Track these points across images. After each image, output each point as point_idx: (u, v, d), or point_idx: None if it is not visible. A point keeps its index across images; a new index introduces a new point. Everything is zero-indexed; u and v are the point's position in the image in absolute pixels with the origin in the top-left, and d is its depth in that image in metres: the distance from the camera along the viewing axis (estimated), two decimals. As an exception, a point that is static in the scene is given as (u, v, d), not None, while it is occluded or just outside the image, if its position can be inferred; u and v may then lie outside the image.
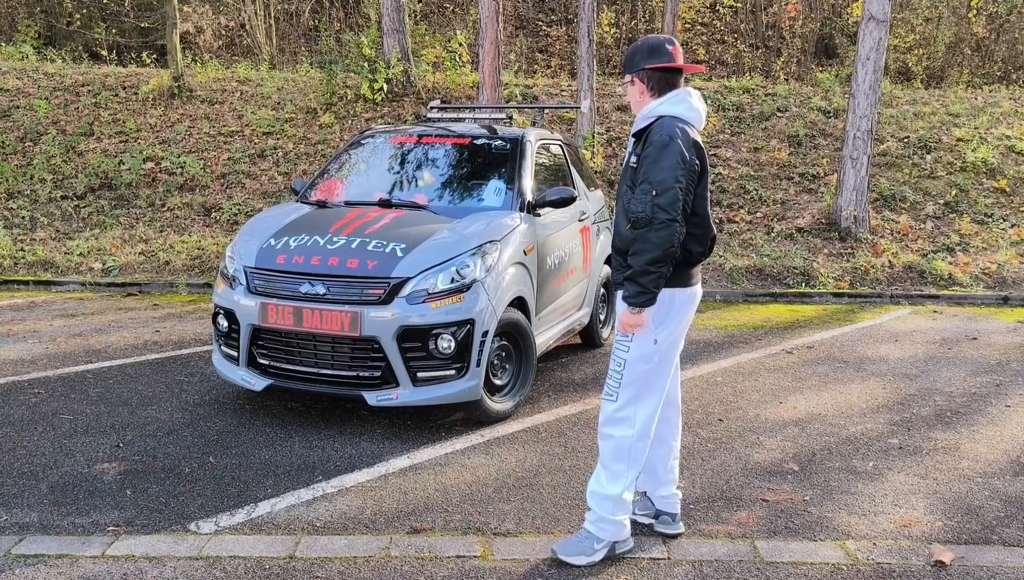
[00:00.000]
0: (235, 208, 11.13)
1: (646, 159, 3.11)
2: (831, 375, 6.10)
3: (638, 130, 3.25)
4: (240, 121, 13.31)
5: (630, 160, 3.27)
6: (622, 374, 3.25)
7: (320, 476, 4.06)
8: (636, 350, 3.22)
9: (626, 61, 3.32)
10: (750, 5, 19.47)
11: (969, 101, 14.83)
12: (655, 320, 3.19)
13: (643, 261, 3.06)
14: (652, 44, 3.27)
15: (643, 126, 3.23)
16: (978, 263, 10.08)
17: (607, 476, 3.29)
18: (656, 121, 3.18)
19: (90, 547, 3.31)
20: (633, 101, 3.32)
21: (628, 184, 3.26)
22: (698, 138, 3.20)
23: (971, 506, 3.88)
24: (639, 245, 3.08)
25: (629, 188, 3.23)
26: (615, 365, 3.27)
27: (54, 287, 9.16)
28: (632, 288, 3.10)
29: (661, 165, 3.07)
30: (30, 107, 13.35)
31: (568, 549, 3.27)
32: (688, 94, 3.24)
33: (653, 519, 3.56)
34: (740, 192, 11.83)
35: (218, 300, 4.91)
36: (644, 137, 3.20)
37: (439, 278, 4.49)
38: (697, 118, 3.24)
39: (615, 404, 3.27)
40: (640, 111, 3.28)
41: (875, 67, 10.48)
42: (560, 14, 19.57)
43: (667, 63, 3.22)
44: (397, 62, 13.54)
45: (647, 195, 3.06)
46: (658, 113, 3.20)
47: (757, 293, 9.31)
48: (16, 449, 4.35)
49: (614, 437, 3.27)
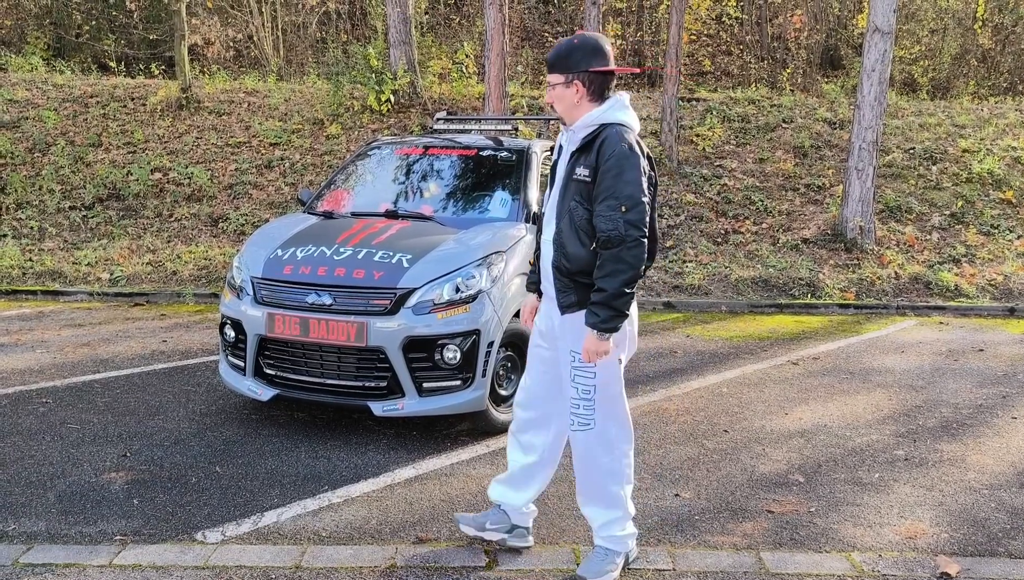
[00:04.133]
0: (242, 218, 11.18)
1: (608, 172, 2.91)
2: (837, 386, 6.09)
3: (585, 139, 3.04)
4: (247, 132, 13.39)
5: (576, 172, 3.02)
6: (593, 400, 3.09)
7: (326, 486, 4.07)
8: (603, 374, 3.08)
9: (560, 60, 3.04)
10: (756, 17, 19.52)
11: (975, 112, 14.83)
12: (615, 338, 3.02)
13: (618, 283, 2.89)
14: (594, 44, 3.04)
15: (587, 135, 3.03)
16: (984, 274, 10.06)
17: (608, 502, 3.22)
18: (602, 130, 3.00)
19: (97, 556, 3.33)
20: (565, 105, 3.06)
21: (578, 199, 3.01)
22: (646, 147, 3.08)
23: (977, 518, 3.87)
24: (612, 266, 2.90)
25: (580, 204, 3.00)
26: (583, 394, 3.09)
27: (62, 297, 9.20)
28: (605, 313, 2.91)
29: (626, 179, 2.90)
30: (39, 118, 13.44)
31: (593, 570, 3.17)
32: (626, 100, 3.09)
33: (506, 533, 3.41)
34: (745, 203, 11.84)
35: (225, 310, 4.94)
36: (593, 148, 2.99)
37: (445, 289, 4.50)
38: (638, 126, 3.10)
39: (593, 430, 3.13)
40: (578, 118, 3.05)
41: (880, 78, 10.50)
42: (566, 25, 19.65)
43: (610, 67, 3.04)
44: (403, 73, 13.61)
45: (615, 212, 2.89)
46: (603, 121, 3.01)
47: (762, 304, 9.31)
48: (24, 458, 4.37)
49: (603, 462, 3.17)
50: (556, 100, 3.08)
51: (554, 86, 3.07)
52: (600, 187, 2.94)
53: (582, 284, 3.03)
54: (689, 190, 12.08)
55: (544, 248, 3.19)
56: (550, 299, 3.20)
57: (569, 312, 3.07)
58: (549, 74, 3.09)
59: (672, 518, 3.79)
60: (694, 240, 10.95)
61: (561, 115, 3.12)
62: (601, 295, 2.93)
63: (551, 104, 3.12)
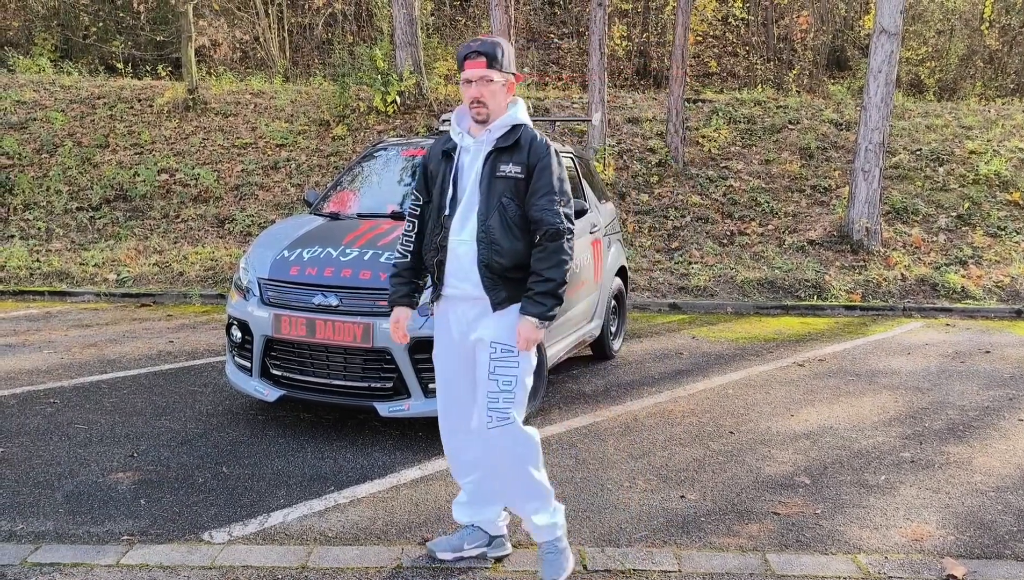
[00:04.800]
0: (248, 219, 11.21)
1: (545, 169, 3.05)
2: (843, 388, 6.08)
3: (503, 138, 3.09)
4: (254, 133, 13.42)
5: (502, 170, 3.07)
6: (514, 392, 3.09)
7: (332, 487, 4.08)
8: (525, 364, 3.13)
9: (501, 57, 3.08)
10: (762, 18, 19.50)
11: (982, 113, 14.79)
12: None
13: (562, 273, 3.03)
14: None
15: (504, 134, 3.09)
16: (991, 276, 10.03)
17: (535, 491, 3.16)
18: (519, 129, 3.10)
19: (105, 556, 3.34)
20: (496, 102, 3.09)
21: (508, 196, 3.06)
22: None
23: (984, 520, 3.86)
24: (558, 257, 3.02)
25: (512, 200, 3.05)
26: (504, 386, 3.08)
27: (69, 298, 9.24)
28: (551, 301, 3.03)
29: (559, 175, 3.07)
30: (47, 119, 13.50)
31: (554, 572, 3.17)
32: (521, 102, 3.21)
33: (486, 547, 3.40)
34: (751, 204, 11.83)
35: (232, 311, 4.95)
36: (522, 146, 3.07)
37: (451, 290, 4.50)
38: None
39: (511, 424, 3.08)
40: (499, 116, 3.10)
41: (887, 79, 10.48)
42: (571, 27, 19.65)
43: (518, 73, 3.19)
44: (410, 75, 13.63)
45: (555, 205, 3.03)
46: (517, 120, 3.12)
47: (768, 305, 9.30)
48: (32, 458, 4.39)
49: (520, 452, 3.11)
50: (490, 96, 3.06)
51: (492, 80, 3.06)
52: (538, 183, 3.06)
53: (511, 279, 3.09)
54: (695, 191, 12.07)
55: (461, 248, 3.10)
56: (467, 300, 3.14)
57: (501, 308, 3.10)
58: (488, 69, 3.05)
59: (677, 519, 3.79)
60: (700, 241, 10.95)
61: (487, 112, 3.08)
62: (549, 285, 3.03)
63: (478, 97, 3.06)
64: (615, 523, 3.74)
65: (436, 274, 3.19)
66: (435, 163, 3.23)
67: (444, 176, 3.17)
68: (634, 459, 4.54)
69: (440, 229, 3.15)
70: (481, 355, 3.14)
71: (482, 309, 3.13)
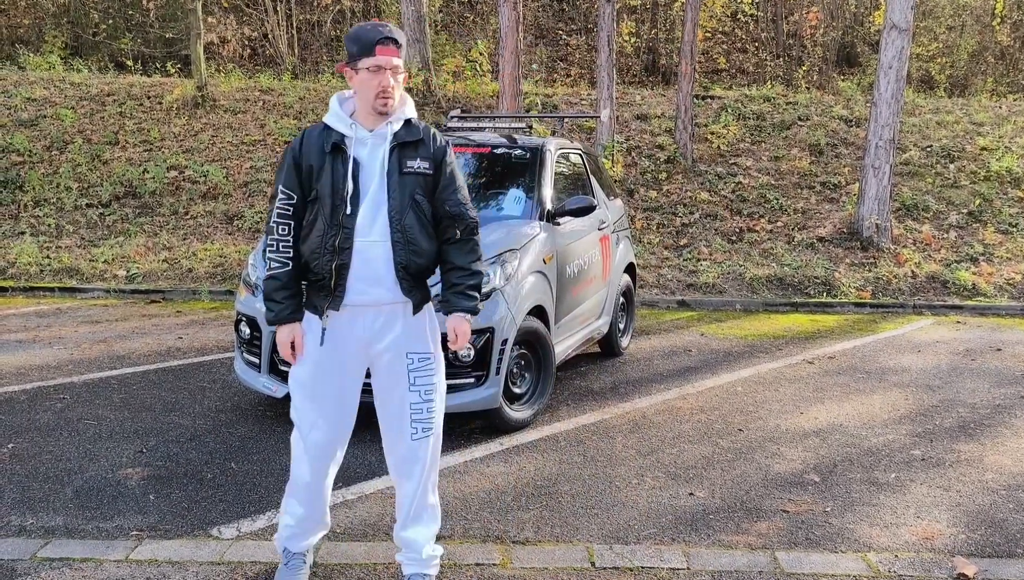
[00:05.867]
0: (257, 216, 11.23)
1: (451, 164, 2.95)
2: (852, 385, 6.06)
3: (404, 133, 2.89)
4: (262, 130, 13.44)
5: (411, 165, 2.85)
6: (434, 400, 3.00)
7: (340, 483, 4.08)
8: (440, 369, 3.04)
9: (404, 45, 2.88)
10: (771, 14, 19.42)
11: (993, 110, 14.71)
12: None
13: (482, 266, 3.02)
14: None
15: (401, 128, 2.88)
16: (1002, 273, 9.98)
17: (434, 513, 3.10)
18: (418, 123, 2.94)
19: (114, 551, 3.35)
20: (400, 93, 2.87)
21: (420, 193, 2.86)
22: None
23: (995, 519, 3.84)
24: (478, 251, 3.00)
25: (424, 197, 2.87)
26: (425, 395, 2.97)
27: (79, 294, 9.27)
28: (479, 295, 3.00)
29: (460, 171, 3.04)
30: (56, 116, 13.55)
31: None
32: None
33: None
34: (761, 201, 11.79)
35: (240, 307, 4.96)
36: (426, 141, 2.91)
37: (459, 286, 4.49)
38: None
39: (435, 433, 3.01)
40: (399, 108, 2.88)
41: (897, 76, 10.43)
42: (580, 23, 19.62)
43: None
44: (418, 72, 13.63)
45: (467, 200, 2.98)
46: (411, 115, 2.93)
47: (777, 303, 9.27)
48: (42, 454, 4.41)
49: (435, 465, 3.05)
50: (397, 87, 2.83)
51: (399, 71, 2.84)
52: (447, 178, 2.94)
53: (422, 281, 2.94)
54: (704, 188, 12.04)
55: (372, 250, 2.81)
56: (375, 307, 2.88)
57: (417, 311, 2.93)
58: (397, 58, 2.81)
59: (686, 517, 3.78)
60: (708, 238, 10.92)
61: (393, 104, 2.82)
62: (477, 278, 2.98)
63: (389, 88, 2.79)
64: (623, 520, 3.73)
65: (333, 281, 2.82)
66: (315, 157, 2.82)
67: (336, 171, 2.80)
68: (642, 456, 4.53)
69: (338, 230, 2.78)
70: (395, 366, 2.93)
71: (389, 316, 2.89)
